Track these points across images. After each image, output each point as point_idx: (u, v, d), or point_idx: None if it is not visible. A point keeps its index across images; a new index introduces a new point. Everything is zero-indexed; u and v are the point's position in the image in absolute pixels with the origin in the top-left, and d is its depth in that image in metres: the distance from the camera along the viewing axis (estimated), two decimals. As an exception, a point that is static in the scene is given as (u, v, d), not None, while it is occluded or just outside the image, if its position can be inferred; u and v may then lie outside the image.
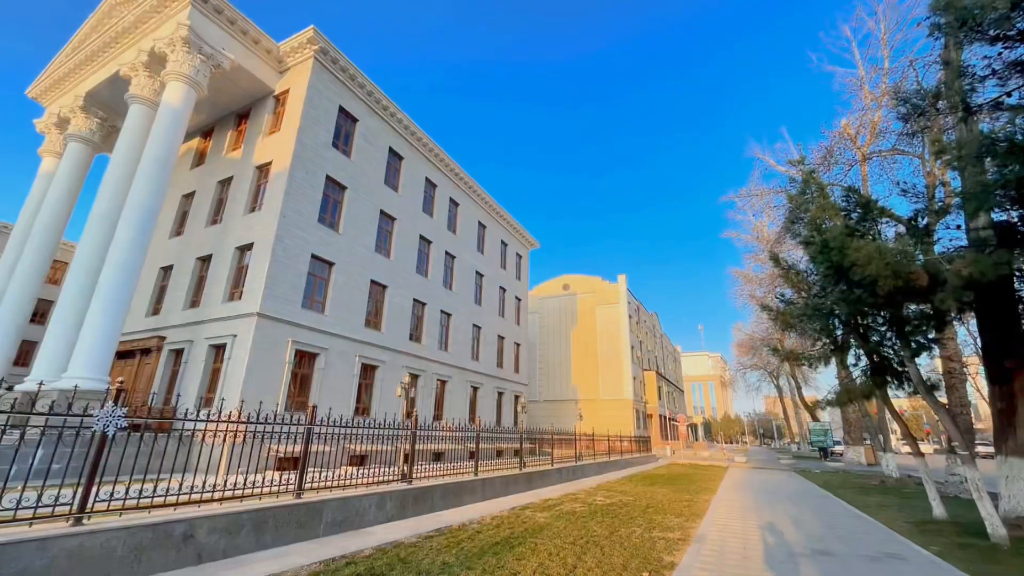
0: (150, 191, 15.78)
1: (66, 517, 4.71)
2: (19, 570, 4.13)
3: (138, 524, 4.99)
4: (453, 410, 25.52)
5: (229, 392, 14.89)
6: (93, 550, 4.63)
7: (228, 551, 5.80)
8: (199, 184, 21.29)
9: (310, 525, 6.89)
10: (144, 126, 17.85)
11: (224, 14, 17.98)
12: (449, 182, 28.58)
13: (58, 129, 22.46)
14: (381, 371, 20.80)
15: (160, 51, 17.29)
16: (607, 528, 8.59)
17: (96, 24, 20.46)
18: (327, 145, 19.65)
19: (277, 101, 20.24)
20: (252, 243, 17.36)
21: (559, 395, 48.88)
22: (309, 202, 18.35)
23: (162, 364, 17.71)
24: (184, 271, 19.30)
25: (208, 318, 17.07)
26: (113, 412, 4.98)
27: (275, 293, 16.40)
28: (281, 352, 16.31)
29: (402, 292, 22.94)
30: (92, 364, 13.66)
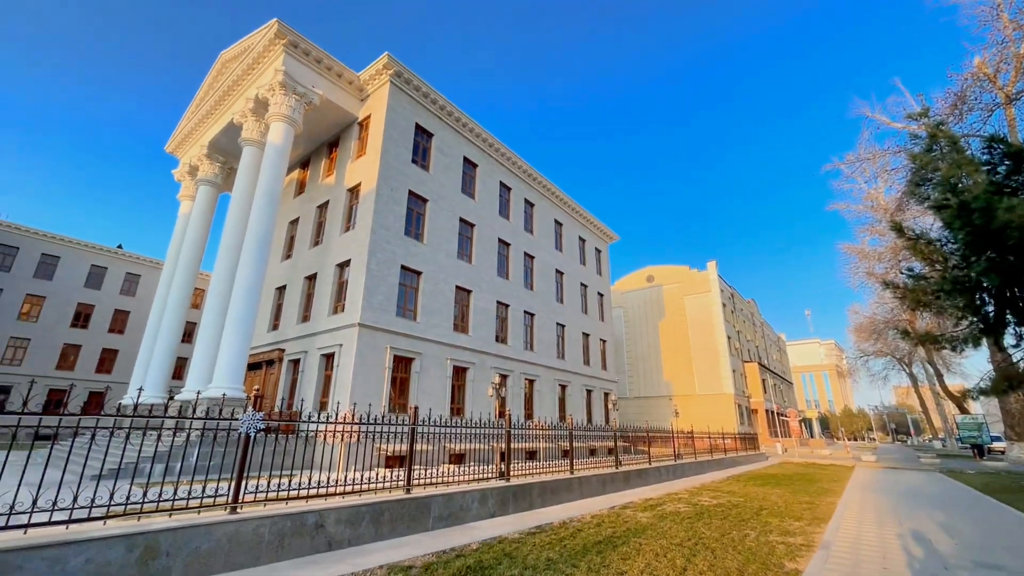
0: (264, 221, 17.90)
1: (224, 506, 5.48)
2: (193, 549, 4.89)
3: (279, 514, 5.67)
4: (542, 409, 25.69)
5: (340, 396, 16.37)
6: (246, 535, 5.34)
7: (352, 540, 6.37)
8: (302, 210, 23.71)
9: (420, 519, 7.33)
10: (255, 164, 20.28)
11: (312, 55, 19.86)
12: (523, 184, 28.88)
13: (190, 176, 26.32)
14: (471, 372, 21.56)
15: (263, 97, 19.55)
16: (716, 530, 8.09)
17: (211, 82, 23.70)
18: (407, 162, 20.85)
19: (361, 127, 21.89)
20: (349, 259, 18.94)
21: (650, 391, 47.09)
22: (395, 217, 19.59)
23: (283, 373, 19.96)
24: (295, 289, 21.59)
25: (318, 330, 18.92)
26: (253, 416, 5.71)
27: (372, 304, 17.73)
28: (381, 358, 17.58)
29: (485, 296, 23.60)
30: (231, 375, 15.79)
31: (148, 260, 43.09)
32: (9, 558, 3.85)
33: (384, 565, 5.58)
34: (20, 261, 36.64)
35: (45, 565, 4.01)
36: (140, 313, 40.82)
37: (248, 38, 20.71)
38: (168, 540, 4.71)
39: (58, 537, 4.18)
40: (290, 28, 18.90)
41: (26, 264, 36.88)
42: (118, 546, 4.40)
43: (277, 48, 19.26)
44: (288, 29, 18.85)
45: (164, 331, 22.45)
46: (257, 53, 20.06)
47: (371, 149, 20.34)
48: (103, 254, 40.88)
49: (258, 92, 19.74)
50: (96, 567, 4.26)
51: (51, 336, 37.12)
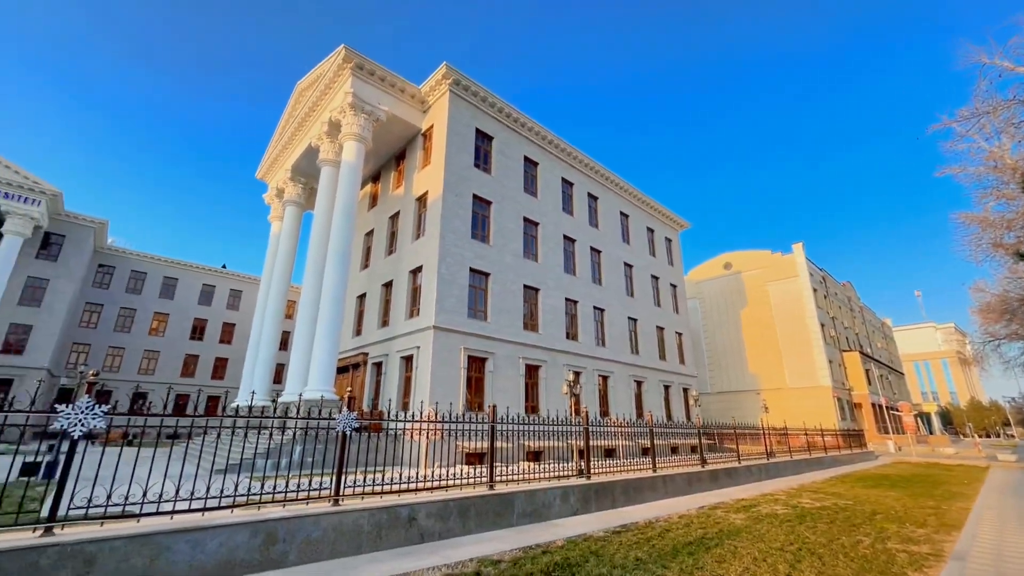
0: (343, 235, 19.23)
1: (328, 499, 5.95)
2: (305, 537, 5.37)
3: (376, 507, 6.05)
4: (618, 406, 25.12)
5: (420, 396, 17.15)
6: (348, 526, 5.77)
7: (442, 534, 6.64)
8: (376, 222, 25.14)
9: (504, 515, 7.47)
10: (333, 183, 21.83)
11: (376, 74, 20.99)
12: (585, 178, 28.44)
13: (278, 198, 28.91)
14: (543, 370, 21.61)
15: (335, 119, 20.99)
16: (823, 535, 7.43)
17: (291, 111, 25.86)
18: (470, 167, 21.35)
19: (425, 137, 22.77)
20: (421, 265, 19.78)
21: (734, 386, 44.33)
22: (461, 221, 20.15)
23: (368, 376, 21.29)
24: (374, 297, 22.94)
25: (396, 334, 19.96)
26: (348, 416, 6.16)
27: (444, 307, 18.37)
28: (456, 359, 18.16)
29: (553, 293, 23.54)
30: (323, 379, 17.15)
31: (247, 277, 47.97)
32: (161, 539, 4.48)
33: (474, 558, 5.76)
34: (148, 284, 42.43)
35: (188, 546, 4.61)
36: (244, 325, 45.58)
37: (319, 66, 22.35)
38: (284, 528, 5.22)
39: (197, 523, 4.78)
40: (355, 52, 20.11)
41: (152, 286, 42.64)
42: (244, 532, 4.94)
43: (345, 72, 20.58)
44: (354, 53, 20.07)
45: (264, 340, 24.86)
46: (328, 79, 21.58)
47: (435, 158, 21.08)
48: (211, 274, 46.16)
49: (331, 115, 21.23)
50: (227, 550, 4.82)
51: (175, 348, 42.59)
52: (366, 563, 5.52)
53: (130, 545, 4.30)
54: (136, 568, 4.30)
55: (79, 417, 4.33)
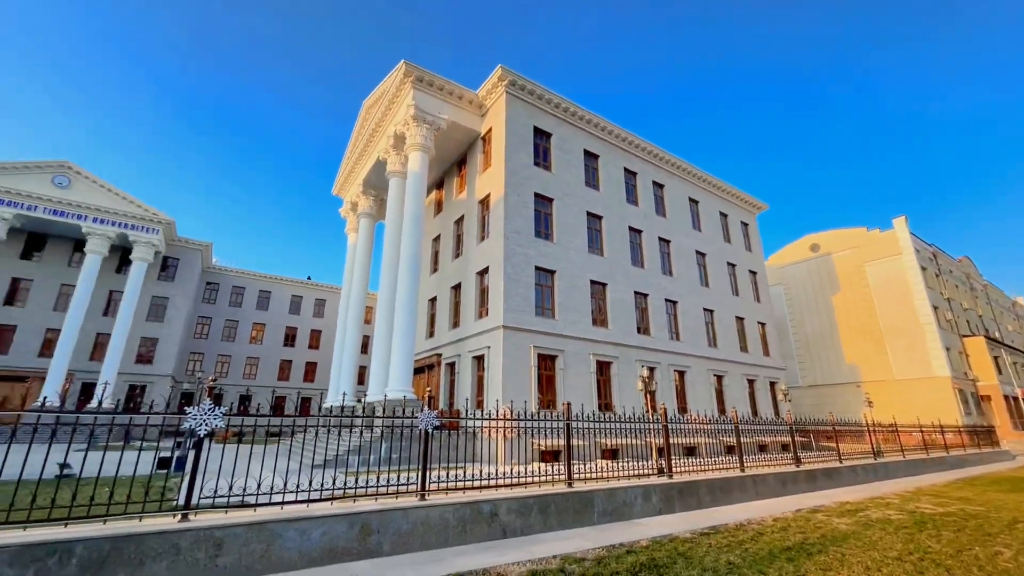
0: (413, 242, 20.10)
1: (415, 494, 6.26)
2: (396, 529, 5.69)
3: (459, 502, 6.27)
4: (697, 402, 23.95)
5: (492, 395, 17.50)
6: (434, 520, 6.02)
7: (524, 530, 6.73)
8: (442, 227, 26.01)
9: (585, 513, 7.42)
10: (401, 193, 22.90)
11: (435, 84, 21.69)
12: (648, 166, 27.43)
13: (352, 212, 30.85)
14: (615, 367, 21.15)
15: (400, 132, 22.00)
16: (949, 544, 6.58)
17: (359, 128, 27.47)
18: (529, 165, 21.42)
19: (484, 141, 23.17)
20: (487, 266, 20.16)
21: (828, 378, 40.55)
22: (524, 221, 20.26)
23: (443, 375, 22.09)
24: (444, 299, 23.75)
25: (467, 335, 20.51)
26: (429, 415, 6.43)
27: (512, 306, 18.59)
28: (526, 357, 18.31)
29: (621, 287, 22.95)
30: (402, 380, 18.06)
31: (329, 287, 51.73)
32: (274, 527, 4.96)
33: (557, 555, 5.77)
34: (246, 298, 47.18)
35: (296, 534, 5.07)
36: (328, 331, 49.22)
37: (383, 83, 23.54)
38: (377, 520, 5.56)
39: (303, 513, 5.24)
40: (415, 65, 20.93)
41: (250, 300, 47.34)
42: (343, 523, 5.34)
43: (407, 86, 21.50)
44: (413, 67, 20.90)
45: (347, 345, 26.66)
46: (391, 94, 22.67)
47: (495, 159, 21.39)
48: (298, 286, 50.32)
49: (396, 128, 22.28)
50: (329, 539, 5.24)
51: (272, 354, 46.97)
52: (453, 555, 5.73)
53: (250, 532, 4.81)
54: (255, 552, 4.80)
55: (204, 418, 4.92)
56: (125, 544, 4.26)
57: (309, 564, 5.07)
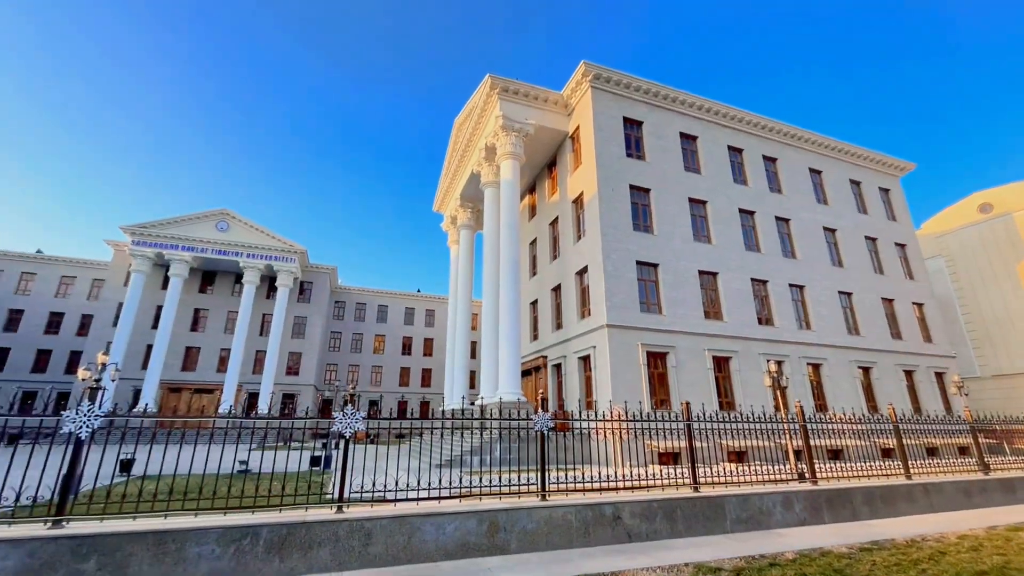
0: (511, 248, 20.63)
1: (535, 494, 6.38)
2: (522, 528, 5.85)
3: (580, 503, 6.25)
4: (838, 398, 21.05)
5: (601, 395, 17.17)
6: (557, 520, 6.08)
7: (649, 534, 6.48)
8: (537, 231, 26.32)
9: (716, 519, 6.92)
10: (496, 202, 23.66)
11: (520, 92, 22.10)
12: (757, 140, 24.95)
13: (452, 225, 32.62)
14: (735, 362, 19.49)
15: (490, 143, 22.78)
16: None
17: (452, 146, 29.01)
18: (622, 158, 20.76)
19: (573, 140, 23.01)
20: (586, 265, 19.91)
21: (1018, 366, 32.96)
22: (621, 215, 19.67)
23: (549, 377, 22.26)
24: (545, 302, 23.96)
25: (570, 336, 20.44)
26: (545, 417, 6.53)
27: (615, 304, 18.11)
28: (634, 355, 17.69)
29: (735, 275, 21.12)
30: (511, 383, 18.57)
31: (437, 297, 55.23)
32: (413, 521, 5.41)
33: (690, 563, 5.46)
34: (368, 312, 52.31)
35: (433, 528, 5.46)
36: (439, 339, 52.55)
37: (470, 99, 24.61)
38: (503, 518, 5.77)
39: (436, 509, 5.64)
40: (500, 77, 21.55)
41: (371, 314, 52.41)
42: (472, 519, 5.63)
43: (493, 98, 22.21)
44: (499, 79, 21.53)
45: (458, 351, 28.17)
46: (480, 108, 23.59)
47: (585, 157, 21.10)
48: (410, 298, 54.50)
49: (486, 141, 23.12)
50: (461, 534, 5.56)
51: (392, 363, 51.43)
52: (579, 557, 5.72)
53: (393, 524, 5.30)
54: (399, 543, 5.27)
55: (348, 421, 5.55)
56: (297, 530, 4.96)
57: (445, 557, 5.43)
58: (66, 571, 4.27)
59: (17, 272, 42.75)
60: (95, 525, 4.68)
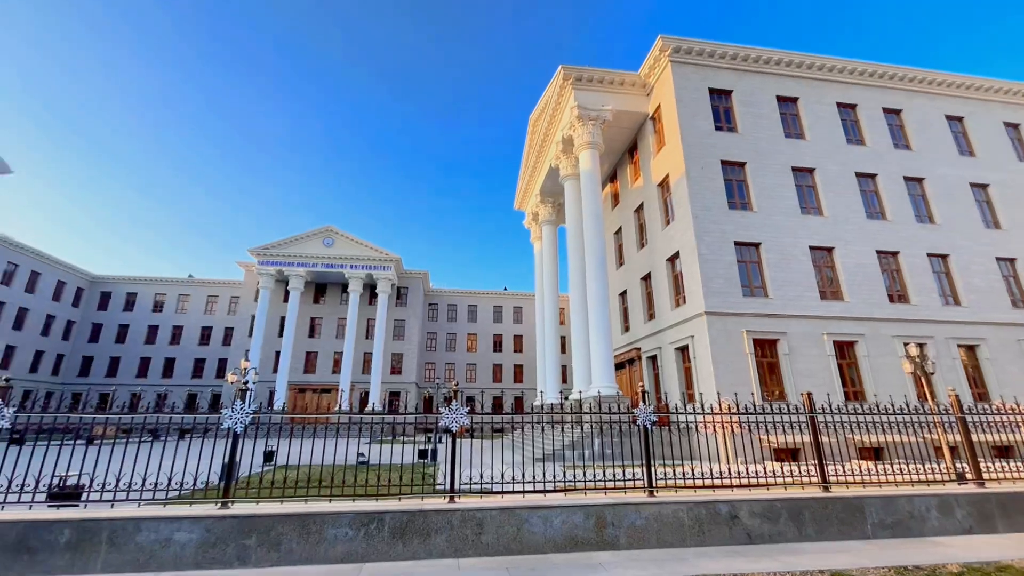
0: (595, 239, 20.21)
1: (642, 489, 6.19)
2: (630, 524, 5.70)
3: (691, 501, 5.94)
4: (1004, 384, 17.68)
5: (703, 387, 16.18)
6: (668, 517, 5.83)
7: (772, 537, 5.96)
8: (621, 220, 25.51)
9: (852, 523, 6.17)
10: (577, 194, 23.34)
11: (594, 79, 21.53)
12: (873, 92, 21.76)
13: (534, 222, 32.80)
14: (862, 346, 17.23)
15: (567, 135, 22.50)
16: None
17: (529, 143, 29.12)
18: (710, 133, 19.33)
19: (654, 120, 21.90)
20: (677, 251, 18.87)
21: None
22: (713, 194, 18.33)
23: (644, 370, 21.48)
24: (634, 292, 23.15)
25: (665, 326, 19.52)
26: (647, 410, 6.30)
27: (712, 290, 16.93)
28: (738, 344, 16.41)
29: (854, 248, 18.66)
30: (604, 376, 18.23)
31: (523, 294, 55.98)
32: (521, 513, 5.53)
33: (824, 570, 4.93)
34: (459, 313, 54.61)
35: (540, 520, 5.54)
36: (528, 335, 53.24)
37: (544, 94, 24.49)
38: (610, 513, 5.68)
39: (542, 502, 5.71)
40: (572, 67, 21.18)
41: (462, 314, 54.63)
42: (579, 513, 5.62)
43: (567, 89, 21.90)
44: (571, 68, 21.18)
45: (547, 346, 28.31)
46: (554, 102, 23.40)
47: (669, 137, 19.98)
48: (497, 296, 55.88)
49: (562, 133, 22.88)
50: (569, 527, 5.56)
51: (485, 360, 53.16)
52: (694, 556, 5.44)
53: (502, 516, 5.46)
54: (509, 534, 5.42)
55: (454, 417, 5.83)
56: (416, 518, 5.32)
57: (554, 549, 5.48)
58: (235, 545, 5.01)
59: (176, 294, 51.17)
60: (252, 507, 5.44)
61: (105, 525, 4.89)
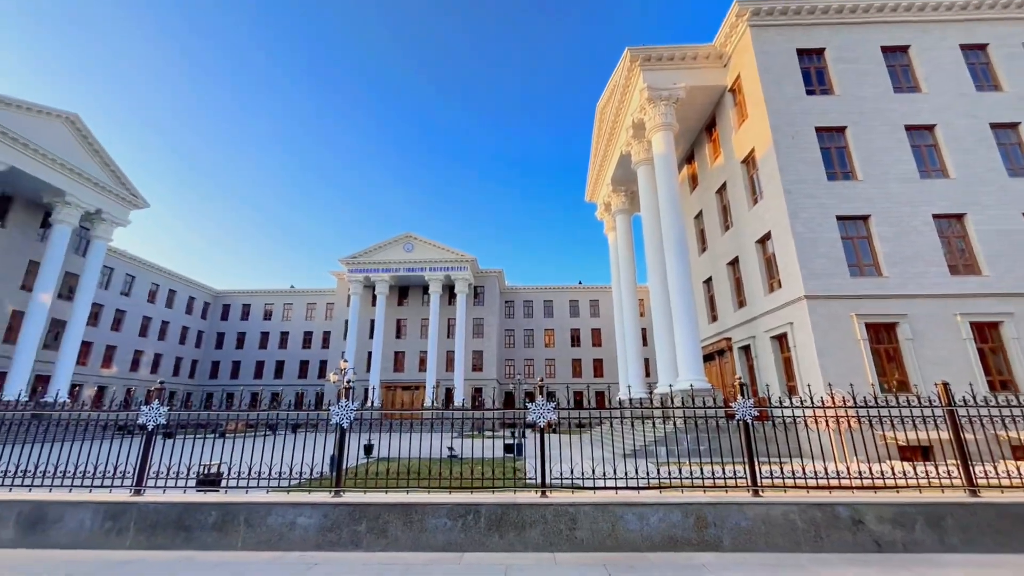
0: (674, 225, 19.23)
1: (745, 488, 5.78)
2: (734, 524, 5.35)
3: (804, 502, 5.43)
4: None
5: (809, 378, 14.75)
6: (777, 519, 5.39)
7: (906, 545, 5.28)
8: (702, 202, 24.02)
9: (1013, 534, 5.27)
10: (651, 180, 22.38)
11: (663, 57, 20.44)
12: (1010, 26, 18.37)
13: (607, 212, 32.00)
14: (1008, 327, 14.68)
15: (637, 119, 21.62)
16: None
17: (597, 132, 28.41)
18: (800, 97, 17.53)
19: (734, 92, 20.33)
20: (768, 232, 17.38)
21: None
22: (807, 166, 16.61)
23: (737, 361, 20.07)
24: (721, 278, 21.71)
25: (758, 313, 18.08)
26: (746, 404, 5.87)
27: (813, 271, 15.37)
28: (848, 329, 14.74)
29: (993, 213, 15.91)
30: (693, 368, 17.32)
31: (599, 287, 54.90)
32: (615, 509, 5.42)
33: (980, 587, 4.26)
34: (535, 308, 54.88)
35: (635, 517, 5.39)
36: (606, 328, 52.15)
37: (611, 79, 23.75)
38: (711, 513, 5.37)
39: (636, 499, 5.55)
40: (639, 47, 20.29)
41: (538, 309, 54.84)
42: (676, 512, 5.38)
43: (635, 71, 21.03)
44: (638, 49, 20.30)
45: (628, 340, 27.51)
46: (622, 86, 22.60)
47: (752, 108, 18.43)
48: (573, 291, 55.34)
49: (632, 118, 22.02)
50: (667, 526, 5.35)
51: (563, 355, 52.94)
52: (812, 563, 4.97)
53: (596, 511, 5.39)
54: (604, 530, 5.34)
55: (541, 412, 5.86)
56: (510, 511, 5.43)
57: (652, 548, 5.30)
58: (347, 530, 5.46)
59: (281, 304, 56.96)
60: (360, 496, 5.89)
61: (243, 508, 5.57)
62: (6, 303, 30.85)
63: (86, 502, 5.70)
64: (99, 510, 5.64)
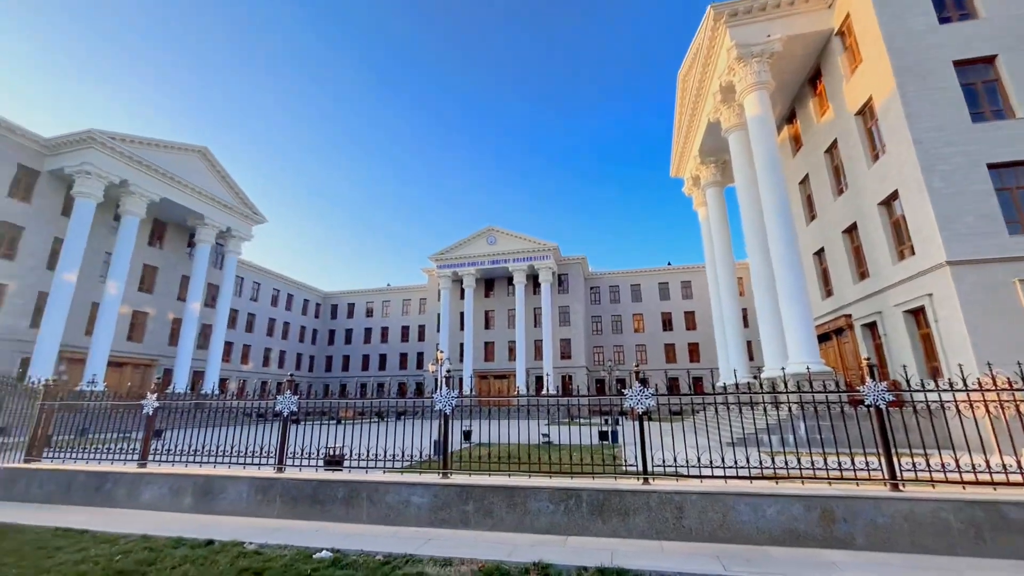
0: (774, 191, 17.46)
1: (881, 482, 5.14)
2: (869, 521, 4.80)
3: (959, 499, 4.71)
4: None
5: (957, 357, 12.62)
6: (924, 517, 4.73)
7: (1108, 556, 4.34)
8: (807, 165, 21.51)
9: None
10: (745, 146, 20.49)
11: (752, 9, 18.46)
12: None
13: (696, 187, 29.96)
14: None
15: (725, 82, 19.85)
16: None
17: (680, 103, 26.61)
18: (931, 29, 14.85)
19: (842, 35, 17.83)
20: (895, 190, 15.08)
21: None
22: (944, 108, 14.06)
23: (859, 340, 17.81)
24: (835, 248, 19.33)
25: (884, 285, 15.85)
26: (877, 387, 5.20)
27: (956, 233, 13.05)
28: (1010, 299, 12.34)
29: None
30: (806, 350, 15.71)
31: (690, 267, 51.79)
32: (725, 499, 5.13)
33: None
34: (622, 294, 53.30)
35: (749, 509, 5.06)
36: (701, 311, 49.13)
37: (692, 43, 22.06)
38: (840, 507, 4.87)
39: (749, 489, 5.20)
40: (722, 3, 18.55)
41: (625, 295, 53.18)
42: (797, 504, 4.95)
43: (720, 29, 19.30)
44: (721, 5, 18.58)
45: (727, 321, 25.66)
46: (706, 49, 20.88)
47: (868, 49, 16.00)
48: (662, 273, 52.82)
49: (719, 81, 20.27)
50: (786, 519, 4.95)
51: (655, 340, 50.92)
52: (971, 569, 4.29)
53: (704, 500, 5.15)
54: (714, 521, 5.09)
55: (639, 398, 5.71)
56: (612, 497, 5.39)
57: (770, 542, 4.94)
58: (456, 509, 5.81)
59: (380, 302, 61.63)
60: (466, 478, 6.22)
61: (365, 486, 6.17)
62: (168, 313, 37.07)
63: (243, 477, 6.70)
64: (252, 484, 6.60)
